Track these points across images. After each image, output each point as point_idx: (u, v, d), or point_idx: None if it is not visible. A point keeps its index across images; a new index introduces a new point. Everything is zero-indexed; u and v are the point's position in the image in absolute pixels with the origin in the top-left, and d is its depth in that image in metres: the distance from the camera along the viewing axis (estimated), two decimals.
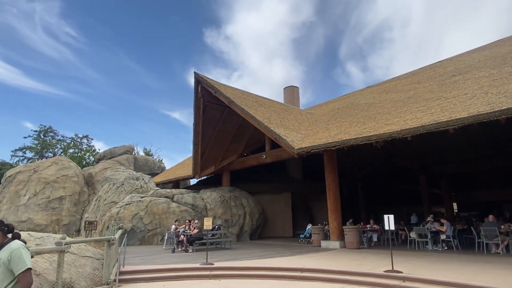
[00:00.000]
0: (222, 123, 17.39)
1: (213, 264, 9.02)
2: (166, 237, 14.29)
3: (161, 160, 45.67)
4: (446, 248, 11.60)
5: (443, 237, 11.50)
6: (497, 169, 19.76)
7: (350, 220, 15.90)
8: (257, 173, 21.87)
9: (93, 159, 36.98)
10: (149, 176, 21.82)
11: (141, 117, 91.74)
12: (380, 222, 12.97)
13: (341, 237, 12.94)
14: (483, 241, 10.62)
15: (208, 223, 9.55)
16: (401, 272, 7.23)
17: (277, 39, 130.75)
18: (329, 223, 13.54)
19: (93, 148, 42.03)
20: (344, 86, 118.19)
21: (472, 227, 11.71)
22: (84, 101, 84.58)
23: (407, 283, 6.75)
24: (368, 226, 14.02)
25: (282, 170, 23.16)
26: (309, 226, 15.54)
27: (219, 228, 15.37)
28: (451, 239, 11.39)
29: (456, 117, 8.20)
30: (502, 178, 21.82)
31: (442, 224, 11.65)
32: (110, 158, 29.23)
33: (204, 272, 8.53)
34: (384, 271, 7.44)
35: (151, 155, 45.73)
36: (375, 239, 13.76)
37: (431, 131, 8.75)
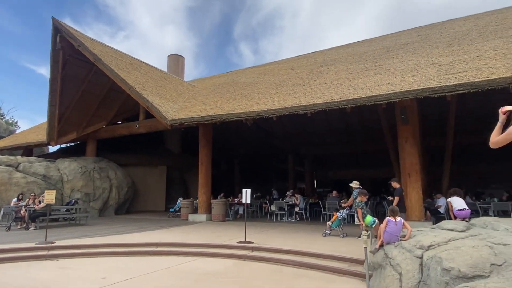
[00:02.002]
0: (88, 83, 15.18)
1: (54, 242, 7.84)
2: (1, 213, 11.89)
3: (15, 122, 38.05)
4: (298, 219, 13.04)
5: (296, 209, 12.88)
6: (348, 153, 23.34)
7: (222, 194, 16.37)
8: (130, 144, 20.26)
9: None
10: None
11: None
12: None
13: (208, 210, 13.12)
14: (327, 213, 12.31)
15: (50, 197, 8.18)
16: (251, 243, 7.66)
17: (171, 4, 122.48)
18: (199, 197, 13.56)
19: None
20: (235, 65, 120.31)
21: (320, 201, 13.45)
22: None
23: (254, 253, 7.18)
24: (236, 199, 14.63)
25: (159, 143, 22.07)
26: (180, 199, 15.30)
27: (76, 203, 13.65)
28: (303, 211, 12.87)
29: (314, 103, 9.01)
30: (351, 161, 25.99)
31: (297, 199, 13.01)
32: None
33: (40, 252, 7.33)
34: (237, 242, 7.76)
35: (1, 115, 37.55)
36: (241, 211, 14.49)
37: (292, 113, 9.41)
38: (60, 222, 12.87)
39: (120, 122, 18.48)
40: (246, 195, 8.05)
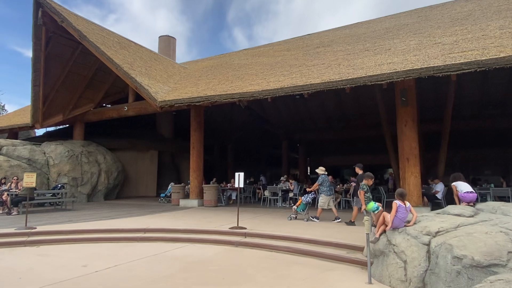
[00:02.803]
0: (74, 63, 14.41)
1: (35, 228, 7.39)
2: None
3: (3, 106, 36.90)
4: (292, 204, 12.70)
5: (291, 195, 12.57)
6: (344, 139, 23.04)
7: (214, 179, 16.01)
8: (120, 128, 19.66)
9: None
10: None
11: None
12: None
13: (200, 195, 12.74)
14: None
15: (30, 180, 7.68)
16: (244, 228, 7.31)
17: None
18: (190, 182, 13.15)
19: None
20: (229, 51, 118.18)
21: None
22: None
23: (247, 239, 6.83)
24: (229, 185, 14.27)
25: (150, 127, 21.49)
26: (171, 184, 14.88)
27: (62, 187, 13.19)
28: (297, 197, 12.55)
29: (311, 82, 8.55)
30: (347, 147, 25.71)
31: (291, 184, 12.68)
32: None
33: (20, 238, 6.89)
34: (229, 228, 7.40)
35: None
36: (233, 197, 14.16)
37: (288, 93, 8.95)
38: (46, 207, 12.39)
39: (110, 106, 17.82)
40: (239, 179, 7.65)
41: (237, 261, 5.54)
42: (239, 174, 7.75)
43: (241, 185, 7.79)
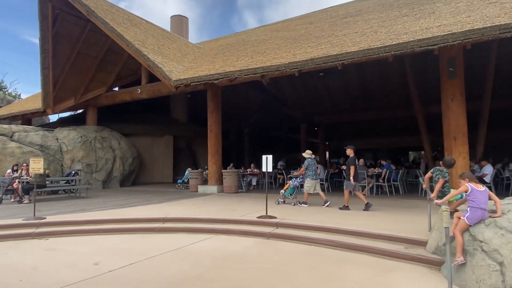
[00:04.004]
0: (83, 43, 13.64)
1: (45, 218, 6.73)
2: None
3: (18, 95, 36.96)
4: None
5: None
6: (365, 121, 21.76)
7: (231, 165, 15.19)
8: (134, 113, 18.99)
9: None
10: None
11: None
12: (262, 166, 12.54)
13: (219, 181, 11.98)
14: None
15: (36, 166, 6.99)
16: (275, 218, 6.47)
17: None
18: (209, 167, 12.39)
19: None
20: None
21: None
22: None
23: (280, 230, 5.99)
24: (248, 170, 13.44)
25: (165, 111, 20.76)
26: (188, 170, 14.17)
27: (76, 174, 12.64)
28: (324, 182, 11.65)
29: (347, 51, 7.47)
30: (368, 129, 24.47)
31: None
32: None
33: (27, 229, 6.24)
34: (257, 217, 6.57)
35: (3, 88, 36.51)
36: (254, 183, 13.37)
37: (320, 65, 7.91)
38: (60, 195, 11.90)
39: (121, 87, 17.11)
40: (267, 162, 6.77)
41: (272, 258, 4.70)
42: (266, 157, 6.86)
43: (270, 169, 6.91)
